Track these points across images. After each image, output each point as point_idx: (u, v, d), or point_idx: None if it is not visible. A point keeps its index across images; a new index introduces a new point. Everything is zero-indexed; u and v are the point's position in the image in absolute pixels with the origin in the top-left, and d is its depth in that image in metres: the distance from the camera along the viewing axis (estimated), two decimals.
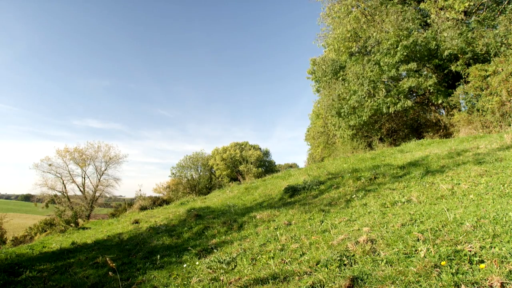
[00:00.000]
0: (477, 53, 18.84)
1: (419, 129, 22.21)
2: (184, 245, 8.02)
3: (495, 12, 20.97)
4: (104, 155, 44.25)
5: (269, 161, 59.82)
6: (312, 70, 32.53)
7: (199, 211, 13.14)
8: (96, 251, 9.60)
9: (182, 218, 12.43)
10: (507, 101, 15.99)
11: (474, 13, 21.89)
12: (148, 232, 11.13)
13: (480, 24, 20.76)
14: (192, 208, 14.69)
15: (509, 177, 7.02)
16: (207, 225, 9.69)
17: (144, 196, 25.34)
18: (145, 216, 16.26)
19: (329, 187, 10.82)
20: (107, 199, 46.80)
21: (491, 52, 18.06)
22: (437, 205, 6.40)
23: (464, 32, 19.35)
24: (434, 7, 21.98)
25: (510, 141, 10.41)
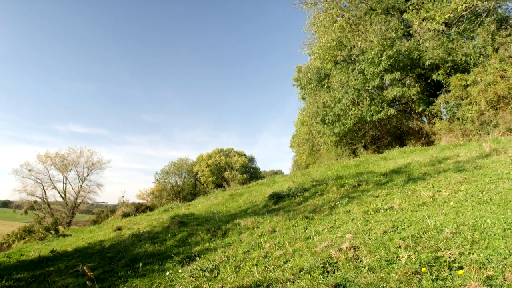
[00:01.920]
0: (457, 63, 19.33)
1: (402, 136, 22.58)
2: (167, 253, 7.92)
3: (474, 24, 21.58)
4: (86, 161, 43.48)
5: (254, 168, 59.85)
6: (297, 77, 32.82)
7: (183, 218, 13.01)
8: (77, 259, 9.38)
9: (166, 225, 12.27)
10: (486, 111, 16.42)
11: (454, 24, 22.50)
12: (131, 239, 10.95)
13: (460, 35, 21.34)
14: (176, 215, 14.54)
15: (487, 185, 7.19)
16: (191, 232, 9.60)
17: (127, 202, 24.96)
18: (128, 223, 16.01)
19: (313, 194, 10.88)
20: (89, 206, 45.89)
21: (471, 63, 18.57)
22: (418, 212, 6.50)
23: (445, 43, 19.85)
24: (416, 18, 22.49)
25: (488, 149, 10.68)
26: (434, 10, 21.33)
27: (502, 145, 11.20)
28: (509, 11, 22.47)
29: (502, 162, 8.87)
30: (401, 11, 24.73)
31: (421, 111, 20.93)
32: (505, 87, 15.55)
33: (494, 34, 18.67)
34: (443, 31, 21.16)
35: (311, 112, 24.48)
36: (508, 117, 15.31)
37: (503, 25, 19.97)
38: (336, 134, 22.14)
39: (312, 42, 27.50)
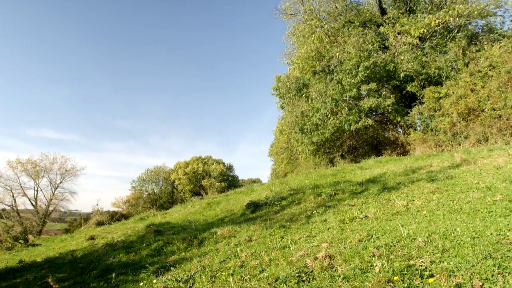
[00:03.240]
0: (430, 76, 19.99)
1: (378, 146, 23.05)
2: (141, 263, 7.74)
3: (446, 39, 22.47)
4: (59, 167, 42.18)
5: (232, 176, 59.68)
6: (276, 86, 33.12)
7: (159, 227, 12.78)
8: (46, 269, 9.04)
9: (141, 234, 12.01)
10: (457, 122, 16.99)
11: (428, 39, 23.34)
12: (104, 248, 10.65)
13: (433, 49, 22.15)
14: (152, 223, 14.26)
15: (458, 194, 7.41)
16: (167, 241, 9.43)
17: (102, 210, 24.30)
18: (101, 231, 15.58)
19: (290, 202, 10.92)
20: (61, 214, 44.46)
21: (443, 76, 19.25)
22: (392, 221, 6.62)
23: (419, 56, 20.54)
24: (392, 31, 23.21)
25: (459, 160, 11.03)
26: (409, 25, 22.09)
27: (472, 155, 11.59)
28: (478, 28, 23.57)
29: (472, 172, 9.17)
30: (378, 24, 25.49)
31: (397, 122, 21.48)
32: (475, 100, 16.16)
33: (465, 49, 19.45)
34: (417, 45, 21.91)
35: (290, 121, 24.71)
36: (478, 129, 15.89)
37: (473, 41, 20.85)
38: (314, 143, 22.39)
39: (292, 52, 27.94)
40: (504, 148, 11.94)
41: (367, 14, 26.64)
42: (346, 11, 26.52)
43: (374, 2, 26.67)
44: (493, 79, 15.65)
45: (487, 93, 15.67)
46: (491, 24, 23.16)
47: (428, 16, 21.70)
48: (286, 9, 27.22)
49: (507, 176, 7.94)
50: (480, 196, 6.92)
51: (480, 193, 7.12)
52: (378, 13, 26.10)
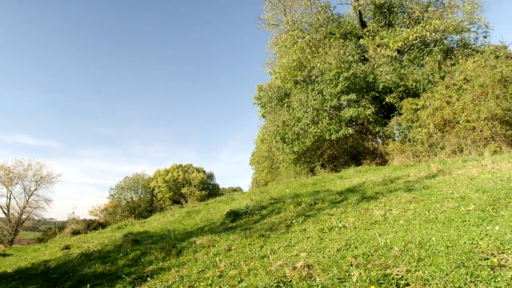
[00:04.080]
0: (408, 88, 20.52)
1: (358, 156, 23.37)
2: (118, 273, 7.55)
3: (424, 53, 23.21)
4: (34, 174, 40.80)
5: (213, 184, 59.33)
6: (258, 95, 33.33)
7: (136, 236, 12.52)
8: (17, 281, 8.71)
9: (118, 243, 11.74)
10: (434, 133, 17.46)
11: (406, 52, 24.02)
12: (79, 258, 10.35)
13: (411, 62, 22.80)
14: (129, 232, 13.96)
15: (433, 204, 7.58)
16: (145, 251, 9.24)
17: (78, 219, 23.65)
18: (77, 241, 15.14)
19: (270, 212, 10.91)
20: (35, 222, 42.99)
21: (420, 88, 19.80)
22: (370, 230, 6.70)
23: (397, 68, 21.09)
24: (372, 44, 23.79)
25: (435, 170, 11.31)
26: (388, 38, 22.71)
27: (447, 166, 11.90)
28: (453, 43, 24.47)
29: (447, 182, 9.41)
30: (358, 36, 26.08)
31: (376, 132, 21.88)
32: (451, 112, 16.66)
33: (441, 63, 20.11)
34: (396, 58, 22.52)
35: (271, 130, 24.84)
36: (453, 140, 16.36)
37: (448, 55, 21.58)
38: (295, 152, 22.54)
39: (274, 61, 28.23)
40: (477, 159, 12.32)
41: (348, 26, 27.25)
42: (327, 23, 27.06)
43: (354, 15, 27.36)
44: (467, 92, 16.19)
45: (462, 105, 16.19)
46: (465, 39, 24.10)
47: (406, 30, 22.40)
48: (269, 19, 27.59)
49: (480, 186, 8.19)
50: (455, 206, 7.10)
51: (455, 203, 7.31)
52: (359, 25, 26.73)
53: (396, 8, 26.43)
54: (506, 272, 3.62)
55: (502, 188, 7.54)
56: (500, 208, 6.44)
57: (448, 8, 23.14)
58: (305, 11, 26.56)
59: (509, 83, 14.79)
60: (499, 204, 6.65)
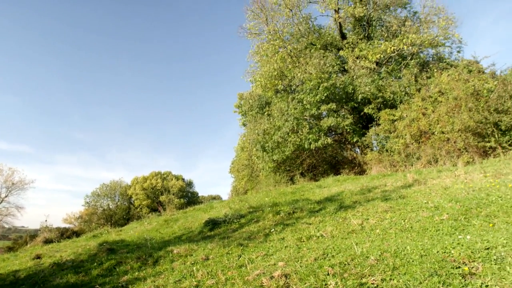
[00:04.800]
0: (386, 99, 21.00)
1: (337, 165, 23.62)
2: (91, 283, 7.34)
3: (401, 66, 23.88)
4: (6, 180, 39.43)
5: (192, 192, 58.74)
6: (239, 104, 33.42)
7: (112, 245, 12.22)
8: None
9: (93, 253, 11.42)
10: (410, 144, 17.87)
11: (384, 64, 24.66)
12: (51, 268, 10.00)
13: (389, 74, 23.40)
14: (105, 241, 13.61)
15: (409, 213, 7.73)
16: (120, 260, 9.02)
17: (51, 227, 22.89)
18: (49, 250, 14.63)
19: (249, 220, 10.87)
20: (5, 231, 41.29)
21: (397, 100, 20.30)
22: (347, 240, 6.76)
23: (376, 80, 21.58)
24: (351, 55, 24.30)
25: (411, 180, 11.55)
26: (366, 50, 23.26)
27: (423, 176, 12.18)
28: (429, 56, 25.32)
29: (422, 192, 9.62)
30: (338, 48, 26.59)
31: (355, 142, 22.23)
32: (426, 123, 17.12)
33: (417, 75, 20.72)
34: (374, 69, 23.06)
35: (251, 138, 24.88)
36: (429, 151, 16.78)
37: (424, 68, 22.27)
38: (275, 161, 22.62)
39: (255, 70, 28.41)
40: (451, 169, 12.66)
41: (328, 37, 27.78)
42: (308, 33, 27.50)
43: (335, 27, 27.93)
44: (442, 104, 16.68)
45: (437, 117, 16.66)
46: (440, 53, 24.99)
47: (384, 43, 23.02)
48: (251, 29, 27.81)
49: (453, 196, 8.41)
50: (429, 215, 7.26)
51: (429, 212, 7.47)
52: (339, 37, 27.29)
53: (375, 22, 27.16)
54: (477, 280, 3.72)
55: (474, 198, 7.77)
56: (472, 217, 6.63)
57: (424, 23, 23.99)
58: (286, 22, 26.96)
59: (481, 96, 15.33)
60: (471, 213, 6.84)
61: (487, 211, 6.81)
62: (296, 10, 26.67)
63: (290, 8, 26.16)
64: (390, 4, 25.17)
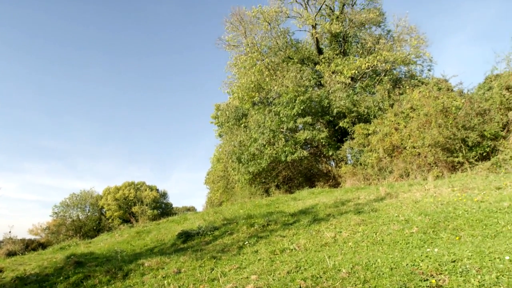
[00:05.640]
0: (360, 114, 21.49)
1: (312, 178, 23.84)
2: None
3: (375, 81, 24.60)
4: None
5: (166, 203, 57.69)
6: (216, 115, 33.36)
7: (80, 258, 11.78)
8: None
9: (59, 266, 10.96)
10: (383, 158, 18.28)
11: (359, 79, 25.33)
12: (13, 283, 9.52)
13: (363, 89, 24.05)
14: (73, 253, 13.11)
15: (380, 226, 7.86)
16: (88, 274, 8.69)
17: (15, 239, 21.82)
18: (12, 263, 13.94)
19: (223, 233, 10.76)
20: None
21: (371, 114, 20.81)
22: (320, 252, 6.79)
23: (351, 95, 22.09)
24: (327, 70, 24.82)
25: (383, 193, 11.78)
26: (342, 65, 23.84)
27: (395, 189, 12.46)
28: (402, 74, 26.23)
29: (393, 206, 9.83)
30: (315, 62, 27.14)
31: (330, 155, 22.55)
32: (398, 138, 17.59)
33: (390, 91, 21.35)
34: (349, 84, 23.63)
35: (227, 150, 24.83)
36: (401, 165, 17.21)
37: (397, 84, 22.99)
38: (250, 173, 22.61)
39: (232, 81, 28.56)
40: (421, 183, 13.01)
41: (305, 52, 28.33)
42: (286, 47, 27.96)
43: (312, 41, 28.53)
44: (413, 120, 17.21)
45: (409, 132, 17.16)
46: (412, 71, 25.94)
47: (359, 59, 23.68)
48: (229, 40, 28.03)
49: (423, 209, 8.63)
50: (400, 228, 7.41)
51: (400, 225, 7.62)
52: (316, 52, 27.87)
53: (351, 38, 27.97)
54: None
55: (442, 212, 8.00)
56: (440, 230, 6.81)
57: (397, 42, 24.88)
58: (265, 35, 27.33)
59: (450, 113, 15.93)
60: (439, 227, 7.03)
61: (454, 224, 7.02)
62: (274, 24, 27.11)
63: (268, 21, 26.56)
64: (365, 22, 25.98)
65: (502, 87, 15.28)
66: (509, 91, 15.04)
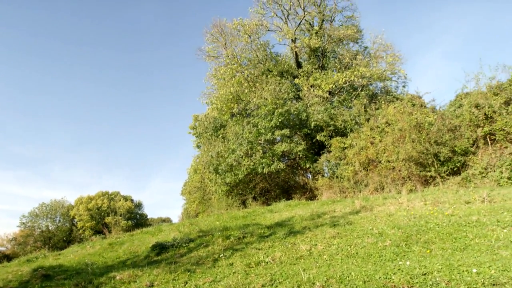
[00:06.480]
0: (337, 128, 21.84)
1: (289, 190, 23.91)
2: None
3: (352, 96, 25.14)
4: None
5: (141, 214, 56.50)
6: (194, 125, 33.21)
7: (48, 270, 11.32)
8: None
9: (25, 279, 10.50)
10: (359, 171, 18.57)
11: (336, 94, 25.81)
12: None
13: (340, 103, 24.50)
14: (40, 266, 12.58)
15: (355, 239, 7.93)
16: None
17: None
18: None
19: (198, 245, 10.59)
20: None
21: (348, 128, 21.19)
22: (295, 265, 6.77)
23: (328, 109, 22.45)
24: (306, 84, 25.20)
25: (359, 206, 11.93)
26: (320, 79, 24.27)
27: (370, 203, 12.64)
28: (378, 89, 26.98)
29: (368, 219, 9.96)
30: (294, 76, 27.52)
31: (307, 168, 22.73)
32: (374, 152, 17.95)
33: (366, 106, 21.85)
34: (327, 98, 24.04)
35: (205, 160, 24.64)
36: (376, 178, 17.53)
37: (373, 99, 23.58)
38: (227, 184, 22.48)
39: (211, 92, 28.56)
40: (395, 197, 13.27)
41: (285, 65, 28.71)
42: (265, 60, 28.28)
43: (291, 55, 28.97)
44: (388, 134, 17.63)
45: (384, 146, 17.55)
46: (387, 87, 26.72)
47: (337, 74, 24.19)
48: (210, 51, 28.12)
49: (396, 223, 8.78)
50: (374, 241, 7.50)
51: (374, 238, 7.71)
52: (295, 65, 28.30)
53: (329, 53, 28.58)
54: None
55: (414, 225, 8.16)
56: (412, 243, 6.93)
57: (374, 58, 25.61)
58: (245, 47, 27.57)
59: (423, 128, 16.42)
60: (411, 240, 7.16)
61: (426, 237, 7.17)
62: (254, 37, 27.40)
63: (249, 34, 26.82)
64: (343, 38, 26.64)
65: (472, 105, 15.89)
66: (478, 109, 15.65)
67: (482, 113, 15.41)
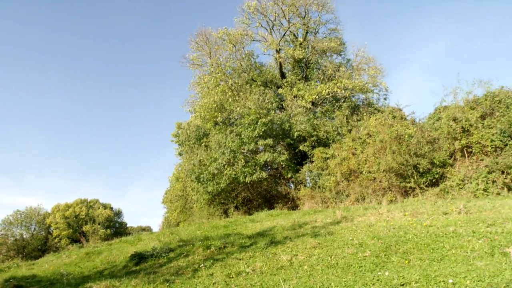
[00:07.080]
0: (320, 138, 22.05)
1: (271, 199, 23.89)
2: None
3: (334, 107, 25.50)
4: None
5: (120, 223, 55.36)
6: (176, 133, 32.95)
7: (21, 281, 10.96)
8: None
9: None
10: (341, 181, 18.73)
11: (319, 104, 26.14)
12: None
13: (323, 114, 24.81)
14: (12, 276, 12.13)
15: (335, 250, 7.96)
16: None
17: None
18: None
19: (178, 255, 10.43)
20: None
21: (330, 139, 21.42)
22: (276, 276, 6.74)
23: (311, 119, 22.67)
24: (289, 94, 25.44)
25: (340, 216, 12.01)
26: (304, 90, 24.55)
27: (351, 213, 12.75)
28: (360, 101, 27.47)
29: (349, 229, 10.02)
30: (278, 86, 27.75)
31: (289, 177, 22.79)
32: (355, 163, 18.17)
33: (349, 117, 22.19)
34: (310, 109, 24.30)
35: (187, 168, 24.42)
36: (357, 189, 17.71)
37: (355, 111, 23.97)
38: (209, 193, 22.30)
39: (195, 100, 28.48)
40: (376, 207, 13.43)
41: (268, 75, 28.94)
42: (250, 69, 28.45)
43: (275, 65, 29.26)
44: (370, 146, 17.89)
45: (365, 157, 17.79)
46: (369, 99, 27.25)
47: (320, 85, 24.54)
48: (194, 59, 28.13)
49: (376, 233, 8.86)
50: (354, 251, 7.53)
51: (354, 249, 7.76)
52: (279, 76, 28.55)
53: (313, 65, 28.97)
54: None
55: (394, 236, 8.25)
56: (391, 254, 6.99)
57: (356, 70, 26.13)
58: (229, 56, 27.71)
59: (403, 140, 16.74)
60: (390, 250, 7.22)
61: (404, 248, 7.25)
62: (239, 46, 27.55)
63: (233, 43, 26.96)
64: (327, 50, 27.07)
65: (450, 118, 16.32)
66: (455, 122, 16.08)
67: (460, 126, 15.83)
